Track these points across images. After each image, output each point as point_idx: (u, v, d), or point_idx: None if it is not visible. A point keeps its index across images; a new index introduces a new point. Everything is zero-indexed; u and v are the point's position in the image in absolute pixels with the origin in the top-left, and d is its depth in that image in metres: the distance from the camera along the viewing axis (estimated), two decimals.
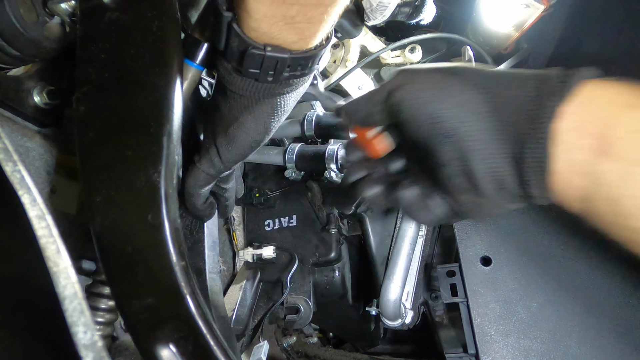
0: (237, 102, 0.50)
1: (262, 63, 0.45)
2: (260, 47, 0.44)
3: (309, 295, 0.85)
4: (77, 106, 0.44)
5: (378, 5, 0.68)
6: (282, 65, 0.45)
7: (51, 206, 0.47)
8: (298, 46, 0.45)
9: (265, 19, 0.42)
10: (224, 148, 0.54)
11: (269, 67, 0.45)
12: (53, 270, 0.32)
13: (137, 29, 0.44)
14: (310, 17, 0.42)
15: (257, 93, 0.49)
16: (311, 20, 0.42)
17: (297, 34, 0.44)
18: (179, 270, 0.40)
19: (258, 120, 0.51)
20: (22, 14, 0.46)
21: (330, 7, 0.41)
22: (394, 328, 0.80)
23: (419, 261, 0.82)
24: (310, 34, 0.44)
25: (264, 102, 0.50)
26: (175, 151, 0.44)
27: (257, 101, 0.50)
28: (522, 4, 0.76)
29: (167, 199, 0.41)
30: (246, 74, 0.46)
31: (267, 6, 0.40)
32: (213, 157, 0.54)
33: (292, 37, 0.44)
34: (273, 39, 0.44)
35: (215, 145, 0.54)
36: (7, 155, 0.34)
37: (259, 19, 0.42)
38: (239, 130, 0.52)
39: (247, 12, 0.42)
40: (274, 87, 0.48)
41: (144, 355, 0.39)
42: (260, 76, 0.46)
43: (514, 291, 0.73)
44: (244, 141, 0.53)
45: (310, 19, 0.42)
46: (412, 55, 0.88)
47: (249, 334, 0.83)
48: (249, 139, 0.53)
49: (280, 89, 0.49)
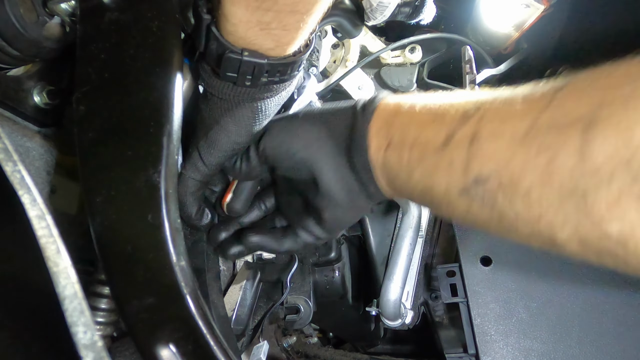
0: (217, 104, 0.51)
1: (240, 67, 0.45)
2: (237, 51, 0.44)
3: (309, 295, 0.85)
4: (77, 106, 0.44)
5: (378, 5, 0.68)
6: (259, 71, 0.46)
7: (51, 206, 0.47)
8: (275, 53, 0.46)
9: (241, 23, 0.42)
10: (206, 151, 0.53)
11: (246, 72, 0.46)
12: (53, 270, 0.32)
13: (137, 29, 0.44)
14: (285, 24, 0.42)
15: (236, 96, 0.49)
16: (287, 28, 0.43)
17: (273, 40, 0.44)
18: (179, 270, 0.40)
19: (239, 123, 0.51)
20: (22, 14, 0.46)
21: (306, 15, 0.42)
22: (394, 328, 0.80)
23: (419, 261, 0.82)
24: (287, 41, 0.45)
25: (244, 106, 0.50)
26: (175, 151, 0.43)
27: (237, 105, 0.50)
28: (522, 4, 0.76)
29: (167, 199, 0.41)
30: (224, 77, 0.47)
31: (243, 11, 0.41)
32: (196, 161, 0.54)
33: (269, 44, 0.44)
34: (250, 44, 0.44)
35: (197, 149, 0.54)
36: (7, 155, 0.34)
37: (235, 23, 0.42)
38: (220, 133, 0.52)
39: (224, 16, 0.43)
40: (254, 91, 0.49)
41: (144, 355, 0.39)
42: (238, 80, 0.47)
43: (514, 291, 0.73)
44: (226, 144, 0.53)
45: (285, 25, 0.43)
46: (412, 55, 0.88)
47: (249, 334, 0.83)
48: (230, 141, 0.53)
49: (259, 94, 0.49)
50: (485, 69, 0.81)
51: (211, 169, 0.55)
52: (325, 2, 0.42)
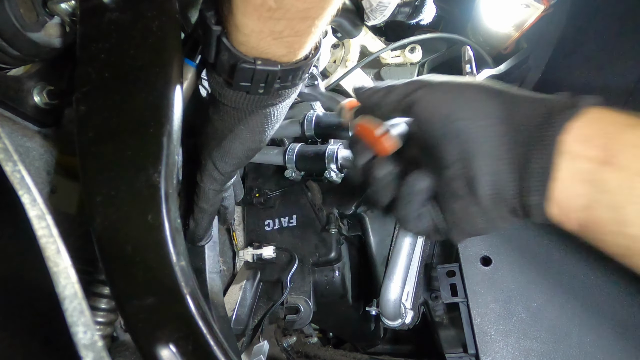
0: (230, 114, 0.50)
1: (253, 76, 0.45)
2: (250, 60, 0.44)
3: (309, 295, 0.85)
4: (77, 106, 0.44)
5: (378, 5, 0.68)
6: (272, 78, 0.46)
7: (51, 206, 0.47)
8: (287, 58, 0.45)
9: (253, 34, 0.42)
10: (220, 160, 0.54)
11: (260, 80, 0.45)
12: (53, 270, 0.32)
13: (137, 29, 0.44)
14: (297, 31, 0.42)
15: (249, 105, 0.49)
16: (299, 34, 0.42)
17: (285, 47, 0.44)
18: (179, 270, 0.40)
19: (252, 130, 0.52)
20: (22, 14, 0.46)
21: (317, 20, 0.42)
22: (394, 328, 0.80)
23: (419, 261, 0.82)
24: (298, 47, 0.45)
25: (256, 113, 0.50)
26: (175, 151, 0.43)
27: (250, 113, 0.50)
28: (522, 4, 0.76)
29: (167, 199, 0.41)
30: (237, 87, 0.46)
31: (255, 22, 0.40)
32: (212, 172, 0.55)
33: (281, 51, 0.44)
34: (262, 52, 0.44)
35: (211, 160, 0.54)
36: (7, 155, 0.34)
37: (247, 34, 0.42)
38: (235, 142, 0.52)
39: (236, 27, 0.42)
40: (266, 98, 0.49)
41: (144, 355, 0.39)
42: (252, 89, 0.46)
43: (514, 291, 0.73)
44: (241, 151, 0.53)
45: (297, 32, 0.42)
46: (412, 55, 0.88)
47: (249, 334, 0.83)
48: (244, 148, 0.53)
49: (272, 99, 0.49)
50: (485, 69, 0.81)
51: (227, 177, 0.56)
52: (335, 4, 0.41)
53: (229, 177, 0.56)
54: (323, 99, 0.75)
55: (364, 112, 0.49)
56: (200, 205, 0.58)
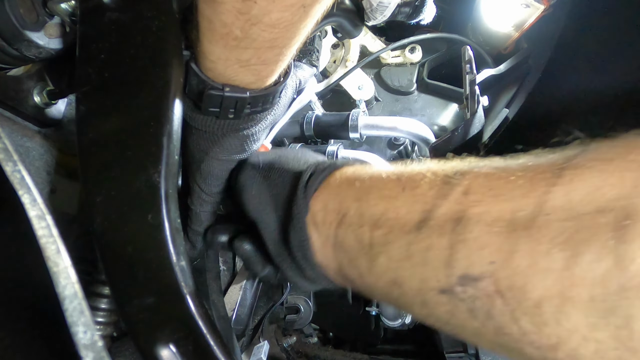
0: (203, 137, 0.50)
1: (222, 103, 0.45)
2: (218, 87, 0.44)
3: (309, 295, 0.85)
4: (77, 106, 0.44)
5: (378, 5, 0.68)
6: (241, 104, 0.45)
7: (51, 206, 0.47)
8: (256, 85, 0.45)
9: (220, 61, 0.42)
10: (204, 183, 0.53)
11: (229, 106, 0.45)
12: (53, 270, 0.32)
13: (137, 29, 0.44)
14: (265, 59, 0.42)
15: (220, 129, 0.48)
16: (266, 62, 0.42)
17: (253, 75, 0.44)
18: (179, 270, 0.40)
19: (229, 151, 0.51)
20: (22, 14, 0.46)
21: (285, 49, 0.41)
22: (394, 328, 0.80)
23: None
24: (266, 75, 0.45)
25: (230, 136, 0.50)
26: (175, 151, 0.43)
27: (222, 136, 0.49)
28: (522, 4, 0.76)
29: (167, 199, 0.41)
30: (206, 112, 0.46)
31: (221, 49, 0.40)
32: (200, 194, 0.54)
33: (249, 78, 0.44)
34: (230, 80, 0.44)
35: (196, 184, 0.54)
36: (7, 155, 0.34)
37: (214, 61, 0.42)
38: (212, 163, 0.51)
39: (203, 54, 0.42)
40: (237, 122, 0.48)
41: (144, 355, 0.39)
42: (221, 114, 0.46)
43: None
44: (221, 171, 0.52)
45: (265, 60, 0.42)
46: (412, 55, 0.88)
47: (249, 334, 0.83)
48: (224, 168, 0.52)
49: (244, 124, 0.49)
50: (485, 69, 0.81)
51: (216, 197, 0.55)
52: (303, 34, 0.41)
53: (218, 196, 0.55)
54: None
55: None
56: (194, 228, 0.57)
